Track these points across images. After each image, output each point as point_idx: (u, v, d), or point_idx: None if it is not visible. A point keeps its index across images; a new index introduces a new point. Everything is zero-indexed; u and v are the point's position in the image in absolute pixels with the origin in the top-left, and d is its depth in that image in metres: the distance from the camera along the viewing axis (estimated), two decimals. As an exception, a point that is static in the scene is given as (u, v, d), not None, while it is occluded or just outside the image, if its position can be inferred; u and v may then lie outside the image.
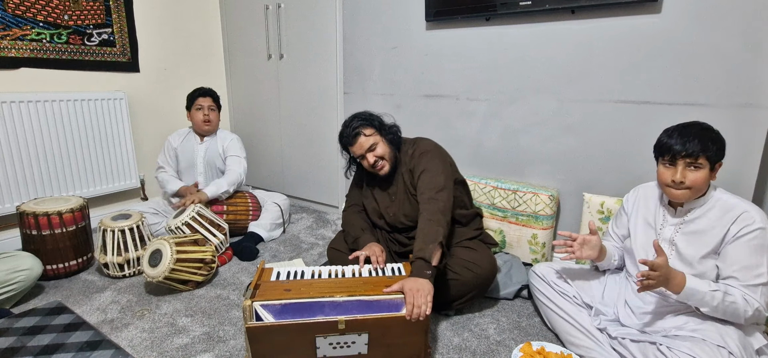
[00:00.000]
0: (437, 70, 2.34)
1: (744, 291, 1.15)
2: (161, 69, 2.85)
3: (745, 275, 1.16)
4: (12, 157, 2.20)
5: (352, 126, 1.64)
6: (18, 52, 2.23)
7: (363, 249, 1.58)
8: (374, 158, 1.64)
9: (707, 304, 1.16)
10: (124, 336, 1.54)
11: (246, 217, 2.46)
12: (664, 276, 1.15)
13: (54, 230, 1.86)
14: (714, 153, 1.17)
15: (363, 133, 1.63)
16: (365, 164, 1.68)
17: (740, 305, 1.14)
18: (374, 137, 1.65)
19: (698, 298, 1.16)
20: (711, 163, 1.18)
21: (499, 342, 1.53)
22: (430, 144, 1.71)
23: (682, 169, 1.20)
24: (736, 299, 1.14)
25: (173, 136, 2.50)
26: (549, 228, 2.03)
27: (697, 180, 1.19)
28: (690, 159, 1.18)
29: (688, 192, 1.21)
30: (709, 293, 1.15)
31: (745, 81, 1.61)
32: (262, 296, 1.27)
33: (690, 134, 1.19)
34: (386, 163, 1.66)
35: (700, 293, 1.16)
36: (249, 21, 2.99)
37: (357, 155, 1.67)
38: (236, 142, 2.53)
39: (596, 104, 1.92)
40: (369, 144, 1.63)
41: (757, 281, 1.15)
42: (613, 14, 1.81)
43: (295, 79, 2.87)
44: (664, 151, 1.24)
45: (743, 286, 1.16)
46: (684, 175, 1.20)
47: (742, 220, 1.16)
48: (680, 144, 1.19)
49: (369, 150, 1.64)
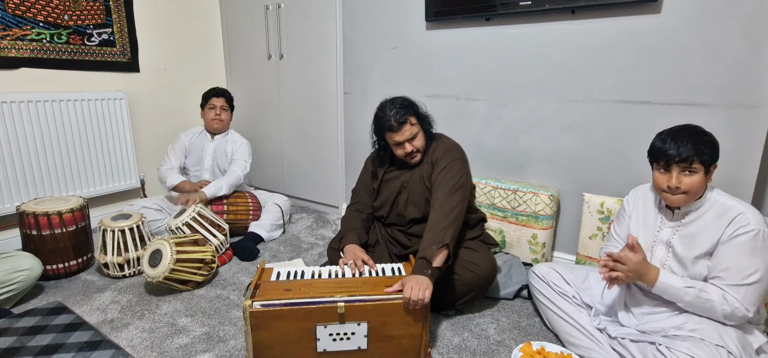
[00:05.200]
0: (437, 70, 2.34)
1: (725, 290, 1.15)
2: (161, 69, 2.85)
3: (731, 275, 1.15)
4: (12, 157, 2.19)
5: (399, 113, 1.57)
6: (18, 52, 2.23)
7: (344, 254, 1.57)
8: (412, 148, 1.61)
9: (681, 299, 1.20)
10: (124, 336, 1.54)
11: (246, 217, 2.46)
12: (634, 272, 1.20)
13: (54, 230, 1.86)
14: (708, 157, 1.17)
15: (410, 120, 1.59)
16: (400, 152, 1.64)
17: (716, 303, 1.15)
18: (417, 127, 1.62)
19: (672, 293, 1.20)
20: (705, 166, 1.18)
21: (499, 342, 1.53)
22: (454, 143, 1.69)
23: (677, 175, 1.20)
24: (711, 296, 1.16)
25: (184, 134, 2.56)
26: (549, 228, 2.03)
27: (693, 185, 1.19)
28: (684, 164, 1.18)
29: (684, 197, 1.22)
30: (683, 289, 1.18)
31: (745, 81, 1.61)
32: (262, 296, 1.27)
33: (683, 139, 1.19)
34: (420, 154, 1.65)
35: (674, 288, 1.19)
36: (249, 21, 2.99)
37: (395, 142, 1.62)
38: (245, 147, 2.55)
39: (596, 104, 1.92)
40: (413, 133, 1.60)
41: (742, 282, 1.14)
42: (613, 14, 1.81)
43: (295, 79, 2.87)
44: (658, 157, 1.24)
45: (727, 285, 1.16)
46: (679, 180, 1.20)
47: (738, 221, 1.16)
48: (674, 149, 1.19)
49: (410, 139, 1.60)
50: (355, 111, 2.70)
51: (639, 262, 1.21)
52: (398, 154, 1.65)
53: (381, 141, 1.71)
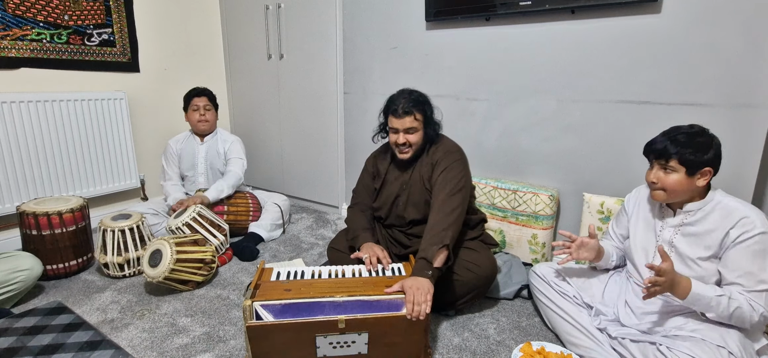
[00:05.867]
0: (437, 70, 2.34)
1: (748, 296, 1.14)
2: (161, 69, 2.85)
3: (748, 281, 1.15)
4: (12, 157, 2.19)
5: (408, 103, 1.58)
6: (18, 52, 2.23)
7: (362, 248, 1.57)
8: (405, 140, 1.62)
9: (713, 309, 1.16)
10: (124, 336, 1.54)
11: (246, 217, 2.46)
12: (669, 282, 1.14)
13: (54, 230, 1.86)
14: (691, 157, 1.16)
15: (415, 115, 1.59)
16: (393, 138, 1.64)
17: (746, 311, 1.13)
18: (419, 124, 1.62)
19: (704, 303, 1.16)
20: (687, 167, 1.18)
21: (499, 342, 1.53)
22: (455, 145, 1.69)
23: (656, 170, 1.23)
24: (741, 304, 1.13)
25: (173, 141, 2.51)
26: (549, 228, 2.03)
27: (671, 183, 1.19)
28: (662, 161, 1.21)
29: (662, 193, 1.23)
30: (715, 299, 1.14)
31: (744, 81, 1.61)
32: (263, 296, 1.27)
33: (668, 137, 1.21)
34: (411, 152, 1.65)
35: (706, 298, 1.15)
36: (249, 21, 2.99)
37: (393, 127, 1.63)
38: (238, 144, 2.53)
39: (596, 104, 1.92)
40: (413, 126, 1.60)
41: (761, 287, 1.14)
42: (613, 14, 1.81)
43: (295, 79, 2.87)
44: (644, 151, 1.28)
45: (747, 292, 1.15)
46: (656, 176, 1.23)
47: (742, 225, 1.16)
48: (658, 144, 1.22)
49: (406, 131, 1.61)
50: (355, 111, 2.70)
51: (672, 270, 1.16)
52: (391, 139, 1.66)
53: (385, 122, 1.71)
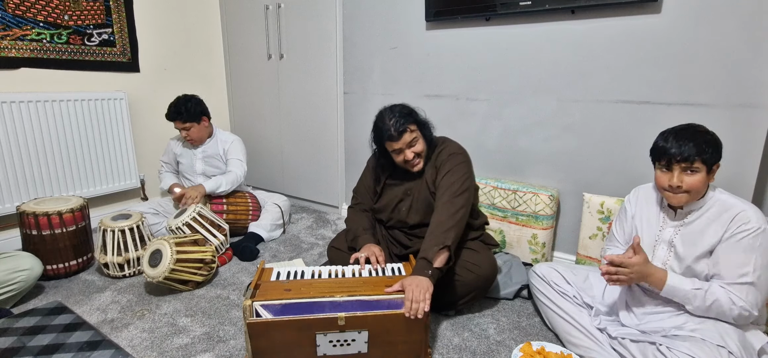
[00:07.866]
0: (437, 70, 2.34)
1: (728, 289, 1.15)
2: (161, 69, 2.85)
3: (731, 274, 1.16)
4: (12, 157, 2.19)
5: (399, 122, 1.55)
6: (18, 52, 2.23)
7: (361, 250, 1.57)
8: (413, 155, 1.60)
9: (690, 302, 1.19)
10: (124, 336, 1.54)
11: (246, 217, 2.46)
12: (637, 274, 1.20)
13: (54, 230, 1.86)
14: (710, 155, 1.17)
15: (409, 128, 1.57)
16: (400, 159, 1.62)
17: (724, 304, 1.15)
18: (416, 133, 1.60)
19: (680, 296, 1.20)
20: (707, 165, 1.18)
21: (499, 342, 1.53)
22: (459, 147, 1.68)
23: (679, 174, 1.20)
24: (718, 297, 1.15)
25: (174, 141, 2.53)
26: (549, 228, 2.03)
27: (695, 184, 1.19)
28: (686, 163, 1.18)
29: (686, 196, 1.21)
30: (692, 292, 1.18)
31: (744, 81, 1.61)
32: (262, 296, 1.27)
33: (685, 138, 1.19)
34: (421, 161, 1.63)
35: (682, 291, 1.19)
36: (249, 21, 2.99)
37: (395, 150, 1.61)
38: (238, 144, 2.53)
39: (596, 104, 1.92)
40: (411, 139, 1.59)
41: (743, 280, 1.15)
42: (613, 14, 1.81)
43: (295, 79, 2.87)
44: (660, 156, 1.24)
45: (728, 284, 1.16)
46: (681, 179, 1.20)
47: (739, 219, 1.16)
48: (676, 148, 1.19)
49: (409, 146, 1.59)
50: (355, 111, 2.70)
51: (641, 264, 1.20)
52: (398, 161, 1.64)
53: (381, 149, 1.68)
